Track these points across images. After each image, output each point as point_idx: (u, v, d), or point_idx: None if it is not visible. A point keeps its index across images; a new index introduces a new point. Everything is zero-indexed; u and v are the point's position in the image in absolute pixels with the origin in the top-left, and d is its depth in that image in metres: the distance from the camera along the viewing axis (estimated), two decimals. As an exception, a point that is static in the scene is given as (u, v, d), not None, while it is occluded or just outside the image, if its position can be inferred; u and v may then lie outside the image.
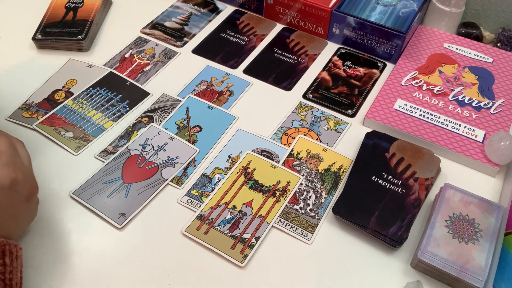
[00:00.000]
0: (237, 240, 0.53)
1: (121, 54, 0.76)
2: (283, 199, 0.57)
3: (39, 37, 0.75)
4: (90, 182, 0.58)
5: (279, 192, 0.58)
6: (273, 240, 0.54)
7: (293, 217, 0.56)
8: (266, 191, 0.58)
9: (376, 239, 0.54)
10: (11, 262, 0.43)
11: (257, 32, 0.81)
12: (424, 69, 0.72)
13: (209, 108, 0.68)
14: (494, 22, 0.82)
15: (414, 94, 0.69)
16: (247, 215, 0.56)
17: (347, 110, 0.69)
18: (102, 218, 0.55)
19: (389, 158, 0.60)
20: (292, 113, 0.68)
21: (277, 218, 0.56)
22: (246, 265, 0.52)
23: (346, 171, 0.61)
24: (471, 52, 0.75)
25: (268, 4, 0.81)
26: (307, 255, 0.53)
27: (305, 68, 0.75)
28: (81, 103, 0.68)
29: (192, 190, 0.58)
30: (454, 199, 0.54)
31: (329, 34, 0.79)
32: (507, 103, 0.68)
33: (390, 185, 0.57)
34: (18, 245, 0.45)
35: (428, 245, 0.50)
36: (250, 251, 0.53)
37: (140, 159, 0.61)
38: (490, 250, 0.50)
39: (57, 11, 0.80)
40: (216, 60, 0.76)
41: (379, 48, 0.75)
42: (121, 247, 0.53)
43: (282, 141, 0.64)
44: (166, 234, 0.54)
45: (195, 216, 0.55)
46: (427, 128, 0.64)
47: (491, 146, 0.60)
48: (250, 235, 0.54)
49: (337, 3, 0.76)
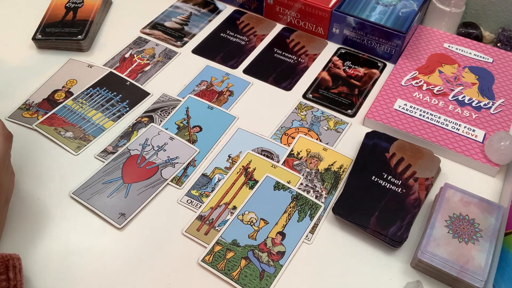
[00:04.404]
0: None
1: (121, 54, 0.76)
2: (283, 199, 0.57)
3: (39, 37, 0.75)
4: (90, 182, 0.58)
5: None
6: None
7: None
8: (266, 191, 0.58)
9: (376, 239, 0.54)
10: (14, 275, 0.44)
11: (257, 32, 0.81)
12: (424, 69, 0.72)
13: (209, 108, 0.68)
14: (494, 22, 0.82)
15: (414, 94, 0.69)
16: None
17: (347, 110, 0.69)
18: (102, 218, 0.55)
19: (389, 158, 0.60)
20: (292, 113, 0.68)
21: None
22: (246, 265, 0.52)
23: (347, 170, 0.61)
24: (471, 52, 0.75)
25: (268, 4, 0.81)
26: (307, 255, 0.53)
27: (305, 68, 0.75)
28: (81, 103, 0.68)
29: (192, 190, 0.58)
30: (454, 199, 0.54)
31: (329, 34, 0.79)
32: (507, 103, 0.68)
33: (390, 185, 0.57)
34: (19, 257, 0.46)
35: (428, 245, 0.50)
36: (250, 251, 0.53)
37: (140, 159, 0.61)
38: (490, 250, 0.50)
39: (57, 11, 0.80)
40: (216, 60, 0.76)
41: (379, 48, 0.75)
42: (121, 247, 0.53)
43: (282, 141, 0.64)
44: (166, 234, 0.54)
45: (195, 217, 0.55)
46: (427, 128, 0.64)
47: (491, 146, 0.60)
48: (250, 235, 0.54)
49: (337, 3, 0.76)
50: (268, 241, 0.53)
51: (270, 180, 0.59)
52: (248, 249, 0.53)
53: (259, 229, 0.54)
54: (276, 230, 0.54)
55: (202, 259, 0.52)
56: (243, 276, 0.50)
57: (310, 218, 0.55)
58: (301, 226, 0.55)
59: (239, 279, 0.50)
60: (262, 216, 0.55)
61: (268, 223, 0.55)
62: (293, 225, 0.55)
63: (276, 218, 0.55)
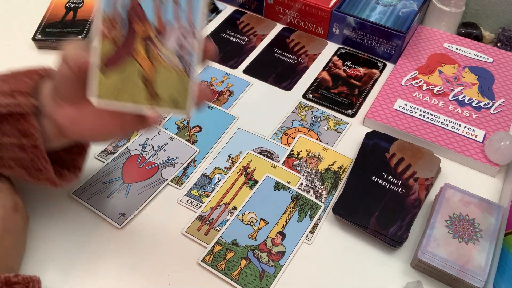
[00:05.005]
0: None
1: (121, 54, 0.76)
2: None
3: (39, 37, 0.75)
4: (90, 182, 0.58)
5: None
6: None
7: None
8: (266, 191, 0.58)
9: (376, 239, 0.54)
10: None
11: (257, 32, 0.81)
12: (424, 69, 0.72)
13: (209, 108, 0.68)
14: (494, 22, 0.82)
15: (414, 94, 0.69)
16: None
17: (347, 110, 0.69)
18: (102, 218, 0.55)
19: (389, 158, 0.60)
20: (292, 113, 0.68)
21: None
22: (246, 265, 0.52)
23: (347, 170, 0.61)
24: (471, 52, 0.75)
25: (268, 4, 0.81)
26: (307, 255, 0.53)
27: (305, 68, 0.75)
28: (81, 103, 0.68)
29: (192, 190, 0.58)
30: (454, 199, 0.54)
31: (329, 34, 0.79)
32: (507, 103, 0.68)
33: (390, 185, 0.57)
34: (39, 280, 0.44)
35: (428, 245, 0.50)
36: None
37: (140, 159, 0.61)
38: (490, 250, 0.50)
39: (57, 11, 0.80)
40: (216, 60, 0.76)
41: (379, 48, 0.75)
42: (121, 247, 0.53)
43: (282, 141, 0.64)
44: (166, 234, 0.54)
45: (196, 217, 0.55)
46: (427, 128, 0.64)
47: (491, 146, 0.60)
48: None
49: (337, 3, 0.76)
50: (268, 241, 0.53)
51: (270, 180, 0.59)
52: (248, 249, 0.53)
53: (259, 229, 0.54)
54: (276, 230, 0.54)
55: (202, 259, 0.52)
56: (243, 276, 0.50)
57: (310, 218, 0.55)
58: (301, 226, 0.55)
59: (239, 279, 0.50)
60: (262, 216, 0.55)
61: (268, 223, 0.55)
62: (293, 225, 0.55)
63: (276, 218, 0.55)
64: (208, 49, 0.39)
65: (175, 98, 0.39)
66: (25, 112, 0.44)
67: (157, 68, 0.38)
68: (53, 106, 0.44)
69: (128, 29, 0.37)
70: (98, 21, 0.37)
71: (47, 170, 0.46)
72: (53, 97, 0.44)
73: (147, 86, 0.38)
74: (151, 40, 0.38)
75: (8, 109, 0.43)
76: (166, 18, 0.37)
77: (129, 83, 0.38)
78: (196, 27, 0.38)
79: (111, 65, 0.38)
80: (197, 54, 0.38)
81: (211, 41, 0.39)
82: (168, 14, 0.37)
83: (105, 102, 0.39)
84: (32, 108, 0.44)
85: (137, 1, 0.37)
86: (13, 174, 0.48)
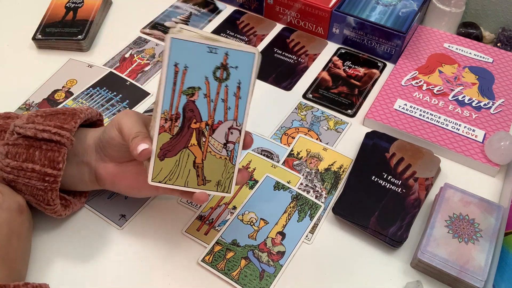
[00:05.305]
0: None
1: (121, 54, 0.76)
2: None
3: (39, 37, 0.75)
4: (90, 182, 0.58)
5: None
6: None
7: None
8: (266, 191, 0.58)
9: (376, 239, 0.54)
10: None
11: (257, 32, 0.81)
12: (424, 69, 0.72)
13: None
14: (494, 22, 0.82)
15: (414, 94, 0.69)
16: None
17: (347, 110, 0.69)
18: (103, 219, 0.55)
19: (389, 158, 0.60)
20: (292, 113, 0.68)
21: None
22: (246, 265, 0.52)
23: (346, 170, 0.61)
24: (471, 52, 0.75)
25: (268, 4, 0.81)
26: (307, 254, 0.53)
27: (305, 68, 0.75)
28: (81, 103, 0.68)
29: (192, 190, 0.58)
30: (454, 199, 0.54)
31: (329, 34, 0.79)
32: (507, 103, 0.68)
33: (390, 185, 0.57)
34: (48, 287, 0.44)
35: (428, 245, 0.50)
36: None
37: (140, 159, 0.61)
38: (490, 250, 0.50)
39: (57, 11, 0.80)
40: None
41: (379, 48, 0.75)
42: (121, 247, 0.53)
43: (282, 141, 0.64)
44: (166, 234, 0.54)
45: (195, 217, 0.55)
46: (427, 128, 0.64)
47: (491, 146, 0.60)
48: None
49: (337, 3, 0.76)
50: (268, 241, 0.53)
51: (270, 180, 0.59)
52: (248, 249, 0.53)
53: (259, 229, 0.54)
54: (276, 230, 0.54)
55: (202, 259, 0.52)
56: (243, 276, 0.50)
57: (310, 218, 0.55)
58: (301, 226, 0.55)
59: (239, 279, 0.50)
60: (262, 216, 0.55)
61: (268, 223, 0.55)
62: (293, 225, 0.55)
63: (276, 218, 0.55)
64: (248, 141, 0.46)
65: (221, 182, 0.45)
66: (63, 143, 0.46)
67: (207, 156, 0.44)
68: (96, 160, 0.49)
69: (184, 124, 0.43)
70: (158, 117, 0.43)
71: (55, 204, 0.49)
72: (97, 152, 0.49)
73: (198, 172, 0.45)
74: (203, 134, 0.44)
75: (49, 136, 0.46)
76: (217, 117, 0.44)
77: (182, 169, 0.44)
78: (241, 125, 0.44)
79: (169, 155, 0.44)
80: (240, 145, 0.45)
81: (250, 134, 0.46)
82: (219, 113, 0.44)
83: (159, 183, 0.44)
84: (70, 144, 0.47)
85: (193, 102, 0.43)
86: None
